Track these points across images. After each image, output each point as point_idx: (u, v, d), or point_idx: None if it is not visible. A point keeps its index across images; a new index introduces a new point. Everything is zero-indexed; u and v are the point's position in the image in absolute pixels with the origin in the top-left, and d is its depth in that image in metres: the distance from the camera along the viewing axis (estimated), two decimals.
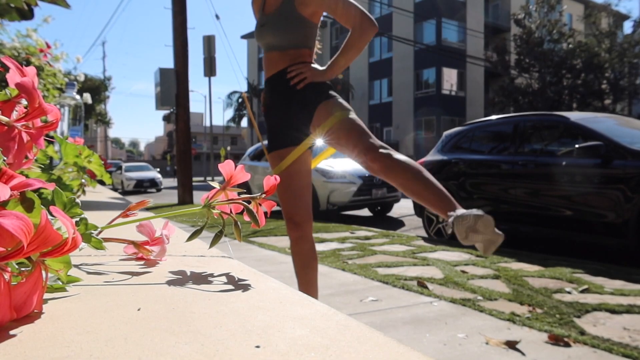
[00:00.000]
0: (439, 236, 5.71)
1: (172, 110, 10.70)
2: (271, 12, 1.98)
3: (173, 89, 10.09)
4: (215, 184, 0.67)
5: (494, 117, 5.86)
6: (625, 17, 28.30)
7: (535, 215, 4.73)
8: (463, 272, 3.52)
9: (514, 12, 26.33)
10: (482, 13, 29.59)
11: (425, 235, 5.85)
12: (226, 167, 0.67)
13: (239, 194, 0.67)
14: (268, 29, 1.97)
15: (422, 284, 3.12)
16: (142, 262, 0.70)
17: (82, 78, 2.75)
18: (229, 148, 43.55)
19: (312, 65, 1.97)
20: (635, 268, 3.70)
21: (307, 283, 2.09)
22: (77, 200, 0.58)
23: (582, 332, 2.25)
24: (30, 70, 0.51)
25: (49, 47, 2.26)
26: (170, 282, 0.59)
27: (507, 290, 2.99)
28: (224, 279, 0.62)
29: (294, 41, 1.95)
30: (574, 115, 4.84)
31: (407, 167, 1.81)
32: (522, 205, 4.84)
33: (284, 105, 1.96)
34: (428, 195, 1.84)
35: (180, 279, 0.61)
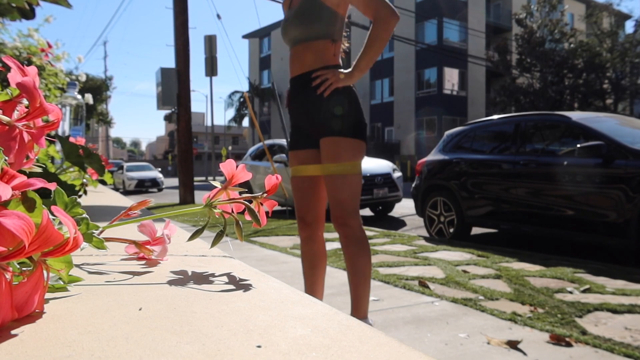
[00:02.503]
0: (441, 236, 5.71)
1: (173, 110, 10.70)
2: (296, 5, 1.95)
3: (174, 88, 10.10)
4: (217, 184, 0.67)
5: (495, 116, 5.86)
6: (627, 17, 28.26)
7: (537, 215, 4.73)
8: (464, 271, 3.52)
9: (516, 11, 26.28)
10: (483, 13, 29.55)
11: (426, 235, 5.85)
12: (228, 166, 0.67)
13: (241, 193, 0.67)
14: (292, 22, 1.93)
15: (423, 284, 3.11)
16: (143, 262, 0.70)
17: (83, 78, 2.75)
18: (230, 148, 43.57)
19: (339, 70, 1.91)
20: (636, 268, 3.70)
21: (314, 283, 2.10)
22: (79, 200, 0.58)
23: (584, 332, 2.25)
24: (32, 70, 0.51)
25: (50, 46, 2.26)
26: (171, 282, 0.59)
27: (508, 290, 2.99)
28: (225, 278, 0.62)
29: (317, 32, 1.89)
30: (576, 115, 4.83)
31: (350, 260, 1.92)
32: (524, 205, 4.83)
33: (305, 109, 1.94)
34: (352, 288, 1.96)
35: (182, 278, 0.61)
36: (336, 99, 1.88)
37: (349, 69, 1.91)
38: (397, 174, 8.38)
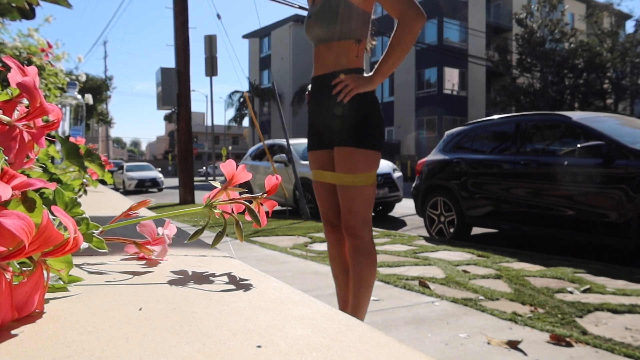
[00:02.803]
0: (441, 236, 5.71)
1: (173, 109, 10.70)
2: (319, 1, 1.86)
3: (174, 88, 10.09)
4: (217, 184, 0.67)
5: (495, 116, 5.86)
6: (627, 17, 28.26)
7: (537, 215, 4.73)
8: (465, 271, 3.52)
9: (516, 11, 26.27)
10: (483, 12, 29.55)
11: (426, 235, 5.85)
12: (228, 166, 0.67)
13: (241, 193, 0.67)
14: (314, 20, 1.85)
15: (423, 284, 3.11)
16: (143, 262, 0.70)
17: (83, 78, 2.75)
18: (230, 148, 43.58)
19: (359, 75, 1.83)
20: (637, 268, 3.69)
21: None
22: (79, 200, 0.58)
23: (584, 332, 2.24)
24: (32, 70, 0.51)
25: (50, 46, 2.26)
26: (171, 282, 0.58)
27: (508, 290, 2.99)
28: (225, 278, 0.62)
29: (340, 32, 1.80)
30: (576, 115, 4.84)
31: (356, 270, 1.87)
32: (524, 205, 4.83)
33: (323, 112, 1.89)
34: (353, 295, 1.91)
35: (182, 278, 0.61)
36: (356, 106, 1.81)
37: (370, 73, 1.83)
38: (397, 174, 8.38)
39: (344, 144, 1.82)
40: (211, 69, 11.55)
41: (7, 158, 0.48)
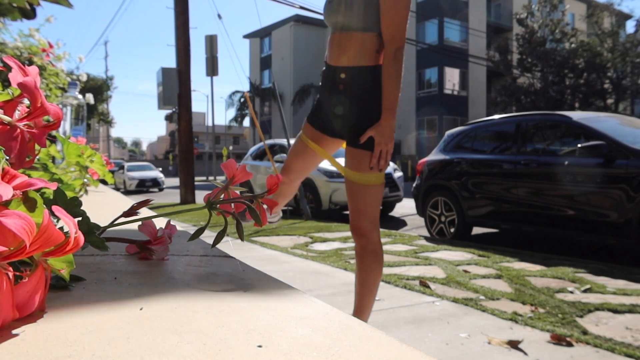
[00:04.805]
0: (441, 236, 5.71)
1: (174, 109, 10.70)
2: None
3: (175, 88, 10.10)
4: (218, 183, 0.68)
5: (496, 116, 5.86)
6: (628, 17, 28.25)
7: (538, 215, 4.72)
8: (465, 271, 3.52)
9: (517, 11, 26.27)
10: (484, 12, 29.52)
11: (427, 234, 5.85)
12: (228, 166, 0.67)
13: (242, 193, 0.67)
14: (337, 5, 1.73)
15: (424, 284, 3.11)
16: (144, 262, 0.70)
17: (84, 78, 2.75)
18: (231, 147, 43.56)
19: (378, 129, 1.72)
20: (637, 267, 3.69)
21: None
22: (80, 200, 0.58)
23: (585, 332, 2.24)
24: (33, 70, 0.51)
25: (51, 46, 2.26)
26: (172, 282, 0.59)
27: (509, 290, 2.99)
28: (226, 278, 0.62)
29: (363, 24, 1.69)
30: (576, 115, 4.83)
31: (363, 270, 1.87)
32: (525, 205, 4.83)
33: (332, 105, 1.83)
34: (358, 297, 1.90)
35: (183, 278, 0.61)
36: (368, 108, 1.76)
37: (384, 116, 1.73)
38: (398, 174, 8.38)
39: (355, 146, 1.79)
40: (212, 69, 11.55)
41: (8, 158, 0.48)
